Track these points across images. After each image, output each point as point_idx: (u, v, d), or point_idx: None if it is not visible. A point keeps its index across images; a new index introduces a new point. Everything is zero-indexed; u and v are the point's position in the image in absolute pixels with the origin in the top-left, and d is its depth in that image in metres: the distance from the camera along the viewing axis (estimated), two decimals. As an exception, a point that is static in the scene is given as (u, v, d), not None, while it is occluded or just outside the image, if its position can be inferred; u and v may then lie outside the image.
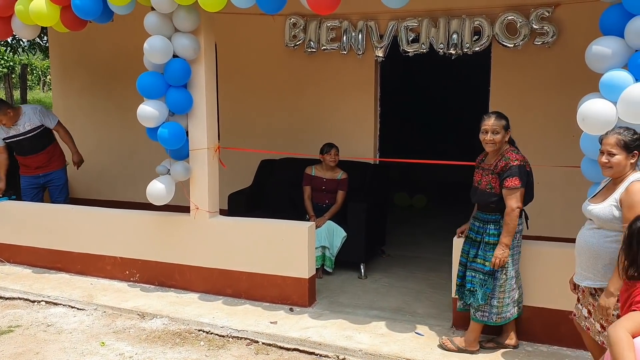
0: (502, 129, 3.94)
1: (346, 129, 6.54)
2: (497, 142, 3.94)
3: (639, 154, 3.14)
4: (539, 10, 5.51)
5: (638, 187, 3.06)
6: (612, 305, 3.08)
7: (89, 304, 5.05)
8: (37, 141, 6.33)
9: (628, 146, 3.13)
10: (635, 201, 3.02)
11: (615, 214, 3.11)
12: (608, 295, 3.09)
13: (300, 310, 4.86)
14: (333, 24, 6.29)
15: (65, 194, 6.59)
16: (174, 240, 5.32)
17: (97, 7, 4.87)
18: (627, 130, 3.19)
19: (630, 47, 3.48)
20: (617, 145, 3.15)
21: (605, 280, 3.17)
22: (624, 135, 3.16)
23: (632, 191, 3.06)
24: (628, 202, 3.05)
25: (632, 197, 3.04)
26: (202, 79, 4.95)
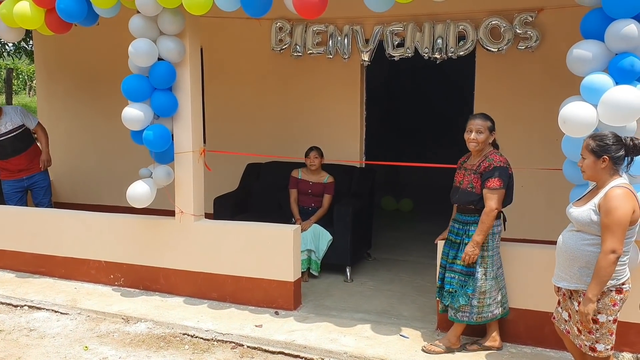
0: (486, 130, 3.98)
1: (332, 132, 6.55)
2: (480, 142, 3.98)
3: (609, 159, 3.13)
4: (523, 15, 5.57)
5: (616, 192, 3.07)
6: (591, 312, 3.10)
7: (73, 308, 5.01)
8: (18, 142, 6.30)
9: (595, 151, 3.15)
10: (611, 207, 3.04)
11: (593, 218, 3.12)
12: (587, 302, 3.10)
13: (286, 314, 4.85)
14: (319, 28, 6.31)
15: (49, 196, 6.56)
16: (159, 244, 5.30)
17: (81, 9, 4.85)
18: (601, 135, 3.19)
19: (610, 50, 3.53)
20: (587, 150, 3.19)
21: (580, 283, 3.20)
22: (594, 140, 3.17)
23: (609, 197, 3.07)
24: (605, 208, 3.07)
25: (609, 203, 3.05)
26: (188, 82, 4.95)
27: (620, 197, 3.05)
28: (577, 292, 3.23)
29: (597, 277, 3.07)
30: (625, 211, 3.03)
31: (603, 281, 3.07)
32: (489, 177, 3.90)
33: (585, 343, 3.23)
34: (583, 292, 3.18)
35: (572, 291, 3.28)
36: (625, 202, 3.04)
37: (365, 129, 6.65)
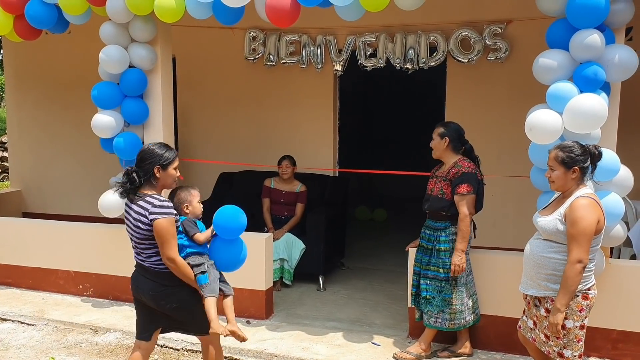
0: (437, 136, 4.11)
1: (306, 141, 6.57)
2: (434, 148, 4.13)
3: (579, 169, 3.16)
4: (492, 26, 5.68)
5: (581, 202, 3.10)
6: (560, 321, 3.12)
7: (40, 319, 4.91)
8: None
9: (565, 162, 3.17)
10: (577, 217, 3.07)
11: (559, 227, 3.15)
12: (555, 312, 3.12)
13: (258, 323, 4.82)
14: (292, 38, 6.34)
15: None
16: (129, 253, 5.15)
17: (51, 16, 4.81)
18: (568, 146, 3.20)
19: (575, 59, 3.61)
20: (556, 161, 3.20)
21: (547, 290, 3.22)
22: (563, 151, 3.18)
23: (575, 207, 3.10)
24: (571, 218, 3.09)
25: (575, 213, 3.08)
26: (159, 89, 4.92)
27: (585, 208, 3.08)
28: (545, 299, 3.25)
29: (564, 287, 3.10)
30: (590, 221, 3.06)
31: (571, 291, 3.10)
32: (459, 182, 3.95)
33: (553, 349, 3.25)
34: (550, 299, 3.21)
35: (539, 298, 3.30)
36: (590, 213, 3.08)
37: (338, 138, 6.68)
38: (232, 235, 3.29)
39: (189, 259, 3.24)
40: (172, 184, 3.28)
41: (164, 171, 3.18)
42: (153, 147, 3.21)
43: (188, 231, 3.29)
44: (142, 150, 3.23)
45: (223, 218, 3.25)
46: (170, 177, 3.22)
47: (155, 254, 3.17)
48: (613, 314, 4.01)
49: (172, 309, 3.24)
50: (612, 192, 3.67)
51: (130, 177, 3.14)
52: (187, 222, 3.31)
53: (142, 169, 3.16)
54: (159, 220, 3.06)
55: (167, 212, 3.09)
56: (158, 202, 3.10)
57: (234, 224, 3.25)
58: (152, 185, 3.19)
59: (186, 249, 3.27)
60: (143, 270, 3.26)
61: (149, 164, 3.15)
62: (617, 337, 4.04)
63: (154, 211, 3.07)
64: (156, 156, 3.16)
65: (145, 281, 3.24)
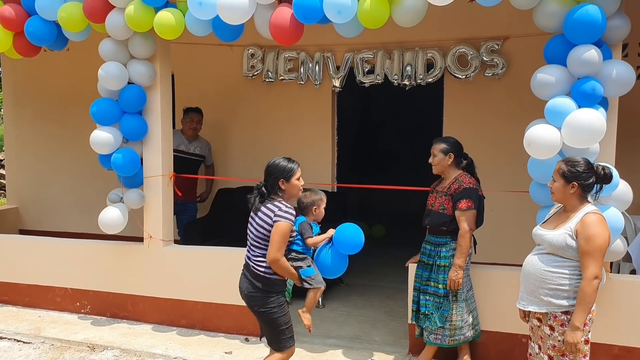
0: (440, 152, 4.09)
1: (304, 157, 6.48)
2: (436, 164, 4.11)
3: (578, 185, 3.18)
4: (489, 43, 5.72)
5: (593, 219, 3.11)
6: (579, 340, 3.08)
7: (37, 337, 4.86)
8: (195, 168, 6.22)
9: (565, 176, 3.19)
10: (592, 233, 3.07)
11: (569, 242, 3.14)
12: (574, 330, 3.08)
13: (256, 340, 4.78)
14: (291, 55, 6.38)
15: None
16: (126, 270, 5.20)
17: (50, 33, 4.84)
18: (573, 161, 3.23)
19: (573, 75, 3.63)
20: (557, 173, 3.24)
21: (550, 306, 3.19)
22: (567, 164, 3.22)
23: (587, 224, 3.10)
24: (585, 235, 3.08)
25: (589, 230, 3.08)
26: (158, 106, 4.93)
27: (598, 224, 3.10)
28: (547, 315, 3.22)
29: (582, 304, 3.07)
30: (605, 237, 3.09)
31: (589, 307, 3.08)
32: (460, 198, 3.95)
33: None
34: (553, 315, 3.18)
35: (539, 317, 3.28)
36: (603, 229, 3.10)
37: (337, 154, 6.68)
38: (348, 250, 3.60)
39: (291, 254, 3.52)
40: (297, 193, 3.56)
41: (288, 183, 3.47)
42: (277, 161, 3.52)
43: (303, 232, 3.58)
44: (268, 165, 3.55)
45: (345, 234, 3.59)
46: (294, 188, 3.51)
47: (262, 255, 3.44)
48: (614, 330, 3.99)
49: (258, 313, 3.52)
50: (611, 206, 3.67)
51: (260, 191, 3.49)
52: (304, 224, 3.60)
53: (269, 182, 3.49)
54: (280, 223, 3.35)
55: (289, 218, 3.39)
56: (284, 208, 3.39)
57: (353, 240, 3.59)
58: (279, 196, 3.48)
59: (293, 245, 3.55)
60: (246, 269, 3.54)
61: (274, 178, 3.47)
62: (619, 353, 4.02)
63: (279, 214, 3.37)
64: (279, 170, 3.48)
65: (244, 280, 3.54)
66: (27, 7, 4.83)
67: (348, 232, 3.58)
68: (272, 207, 3.40)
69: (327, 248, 3.62)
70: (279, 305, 3.49)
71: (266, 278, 3.44)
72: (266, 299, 3.46)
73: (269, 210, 3.40)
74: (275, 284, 3.47)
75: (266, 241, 3.41)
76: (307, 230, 3.58)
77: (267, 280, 3.44)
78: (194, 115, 6.22)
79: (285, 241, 3.39)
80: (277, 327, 3.51)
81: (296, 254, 3.55)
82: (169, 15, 4.37)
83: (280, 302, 3.50)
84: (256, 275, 3.45)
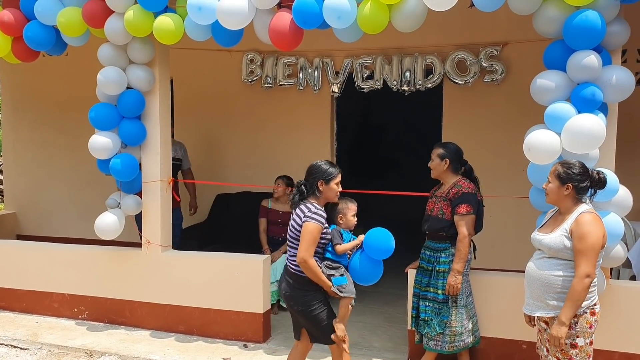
0: (436, 157, 4.10)
1: (303, 162, 6.44)
2: (433, 169, 4.12)
3: (572, 187, 3.21)
4: (488, 49, 5.73)
5: (587, 218, 3.14)
6: (564, 335, 3.11)
7: (34, 343, 4.83)
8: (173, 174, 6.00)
9: (560, 177, 3.22)
10: (585, 232, 3.10)
11: (566, 243, 3.17)
12: (560, 325, 3.12)
13: (255, 347, 4.76)
14: (290, 60, 6.38)
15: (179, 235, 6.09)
16: (124, 275, 5.18)
17: (49, 38, 4.84)
18: (569, 163, 3.26)
19: (572, 80, 3.63)
20: (553, 174, 3.27)
21: (557, 310, 3.20)
22: (562, 166, 3.25)
23: (581, 222, 3.14)
24: (578, 233, 3.12)
25: (582, 228, 3.11)
26: (157, 111, 4.92)
27: (591, 223, 3.13)
28: (554, 318, 3.22)
29: (571, 301, 3.10)
30: (597, 236, 3.11)
31: (577, 305, 3.11)
32: (459, 203, 3.94)
33: None
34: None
35: (546, 320, 3.29)
36: (597, 228, 3.13)
37: (336, 160, 6.68)
38: (379, 255, 3.61)
39: (324, 263, 3.56)
40: (334, 198, 3.63)
41: (327, 185, 3.55)
42: (320, 163, 3.61)
43: (332, 240, 3.60)
44: (310, 165, 3.63)
45: (375, 238, 3.58)
46: (332, 191, 3.58)
47: (295, 254, 3.50)
48: (615, 336, 3.97)
49: (297, 312, 3.61)
50: (611, 212, 3.66)
51: (299, 189, 3.58)
52: (335, 232, 3.63)
53: (309, 182, 3.57)
54: (308, 223, 3.43)
55: (318, 220, 3.44)
56: (314, 209, 3.47)
57: (383, 245, 3.58)
58: (316, 197, 3.56)
59: (327, 254, 3.59)
60: (285, 270, 3.65)
61: (314, 178, 3.55)
62: (619, 360, 4.01)
63: (308, 215, 3.45)
64: (321, 171, 3.56)
65: (284, 280, 3.66)
66: (26, 12, 4.82)
67: (377, 237, 3.59)
68: (304, 208, 3.49)
69: (358, 254, 3.64)
70: (317, 301, 3.55)
71: (299, 276, 3.52)
72: (303, 297, 3.54)
73: (300, 211, 3.50)
74: (309, 281, 3.51)
75: (298, 241, 3.49)
76: (336, 237, 3.61)
77: (301, 278, 3.51)
78: None
79: (313, 242, 3.43)
80: (320, 323, 3.57)
81: (330, 262, 3.58)
82: (168, 20, 4.37)
83: (317, 298, 3.55)
84: (291, 274, 3.57)
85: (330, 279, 3.54)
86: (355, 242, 3.65)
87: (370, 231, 3.62)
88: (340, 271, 3.59)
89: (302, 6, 3.93)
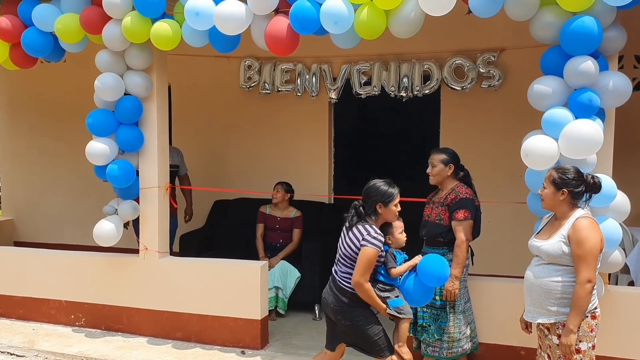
0: (439, 163, 4.07)
1: (301, 169, 6.56)
2: (435, 175, 4.09)
3: (568, 192, 3.21)
4: (485, 55, 5.74)
5: (584, 223, 3.15)
6: (573, 342, 3.11)
7: (30, 350, 4.81)
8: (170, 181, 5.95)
9: (556, 183, 3.23)
10: (583, 237, 3.11)
11: (564, 249, 3.17)
12: (568, 333, 3.12)
13: (252, 353, 4.74)
14: (287, 66, 6.39)
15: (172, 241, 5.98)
16: (122, 282, 5.16)
17: (47, 44, 4.84)
18: (564, 169, 3.28)
19: (569, 86, 3.63)
20: (548, 180, 3.28)
21: (559, 316, 3.20)
22: (557, 172, 3.26)
23: (578, 228, 3.14)
24: (576, 238, 3.12)
25: (580, 234, 3.12)
26: (154, 117, 4.91)
27: (589, 228, 3.14)
28: (555, 325, 3.23)
29: (575, 308, 3.10)
30: (596, 241, 3.12)
31: (582, 311, 3.11)
32: (457, 208, 3.94)
33: None
34: (562, 324, 3.19)
35: (547, 326, 3.28)
36: (594, 232, 3.14)
37: (334, 166, 6.68)
38: (432, 282, 3.56)
39: (378, 285, 3.56)
40: (393, 219, 3.61)
41: (386, 207, 3.53)
42: (378, 184, 3.57)
43: (386, 263, 3.58)
44: (368, 186, 3.59)
45: (429, 265, 3.52)
46: (391, 213, 3.56)
47: (347, 272, 3.52)
48: (613, 341, 3.95)
49: (346, 326, 3.59)
50: (609, 217, 3.66)
51: (357, 211, 3.56)
52: (388, 255, 3.59)
53: (367, 204, 3.54)
54: (366, 248, 3.41)
55: (377, 245, 3.43)
56: (373, 233, 3.45)
57: (438, 273, 3.51)
58: (373, 219, 3.54)
59: (379, 276, 3.58)
60: (332, 283, 3.64)
61: (372, 201, 3.52)
62: (618, 365, 3.99)
63: (367, 239, 3.43)
64: (380, 194, 3.53)
65: (330, 293, 3.62)
66: (24, 19, 4.82)
67: (432, 264, 3.53)
68: (362, 230, 3.47)
69: (412, 278, 3.60)
70: (365, 318, 3.55)
71: (352, 293, 3.51)
72: (352, 312, 3.54)
73: (358, 232, 3.48)
74: (359, 298, 3.51)
75: (352, 260, 3.48)
76: (390, 260, 3.59)
77: (353, 295, 3.51)
78: None
79: (370, 267, 3.44)
80: (368, 339, 3.57)
81: (382, 285, 3.58)
82: (165, 26, 4.37)
83: (366, 314, 3.55)
84: (342, 290, 3.54)
85: (385, 301, 3.54)
86: (410, 264, 3.61)
87: (426, 257, 3.58)
88: (395, 292, 3.60)
89: (299, 11, 3.93)
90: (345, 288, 3.53)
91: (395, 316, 3.59)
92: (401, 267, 3.60)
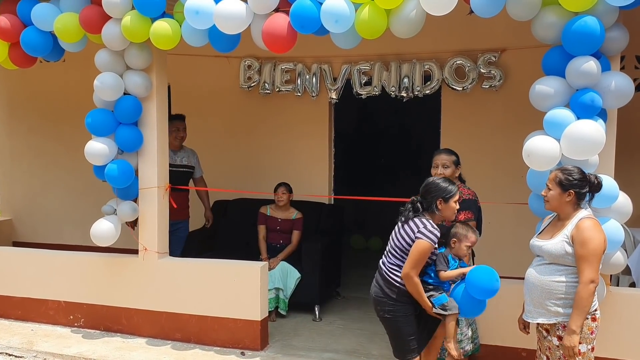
0: (452, 164, 4.04)
1: (301, 169, 6.54)
2: (449, 176, 4.02)
3: (574, 194, 3.20)
4: (486, 55, 5.72)
5: (587, 223, 3.14)
6: (576, 343, 3.10)
7: (29, 351, 4.79)
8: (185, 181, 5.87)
9: (562, 184, 3.22)
10: (586, 237, 3.10)
11: (567, 249, 3.16)
12: (571, 334, 3.10)
13: (252, 354, 4.72)
14: (287, 66, 6.37)
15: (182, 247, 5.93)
16: (121, 282, 5.14)
17: (47, 44, 4.81)
18: (568, 170, 3.26)
19: (571, 86, 3.62)
20: (554, 181, 3.25)
21: (559, 316, 3.19)
22: (562, 173, 3.24)
23: (582, 228, 3.13)
24: (580, 239, 3.12)
25: (583, 234, 3.11)
26: (154, 117, 4.89)
27: (592, 229, 3.13)
28: (554, 326, 3.22)
29: (578, 308, 3.09)
30: (599, 241, 3.12)
31: (585, 312, 3.10)
32: (460, 209, 3.91)
33: None
34: (562, 325, 3.18)
35: (547, 328, 3.27)
36: (598, 233, 3.13)
37: (334, 166, 6.66)
38: (480, 295, 3.48)
39: (424, 285, 3.51)
40: (452, 216, 3.60)
41: (446, 204, 3.51)
42: (437, 181, 3.55)
43: (437, 264, 3.55)
44: (428, 183, 3.57)
45: (479, 276, 3.45)
46: (450, 210, 3.53)
47: (396, 264, 3.51)
48: (615, 343, 3.94)
49: (383, 318, 3.60)
50: (611, 218, 3.65)
51: (414, 206, 3.53)
52: (441, 256, 3.58)
53: (426, 200, 3.52)
54: (421, 241, 3.41)
55: (432, 239, 3.42)
56: (429, 227, 3.44)
57: (487, 285, 3.43)
58: (432, 215, 3.52)
59: (427, 277, 3.56)
60: (379, 272, 3.63)
61: (433, 196, 3.50)
62: (619, 367, 3.98)
63: (423, 231, 3.42)
64: (440, 190, 3.50)
65: (375, 284, 3.61)
66: (23, 18, 4.80)
67: (482, 275, 3.44)
68: (419, 222, 3.45)
69: (462, 289, 3.54)
70: (404, 315, 3.52)
71: (398, 287, 3.49)
72: (393, 305, 3.52)
73: (414, 225, 3.46)
74: (405, 294, 3.49)
75: (403, 252, 3.47)
76: (441, 262, 3.56)
77: (398, 289, 3.49)
78: (179, 124, 5.75)
79: (422, 260, 3.42)
80: (401, 337, 3.56)
81: (426, 285, 3.54)
82: (165, 25, 4.35)
83: (407, 311, 3.52)
84: (389, 283, 3.52)
85: (430, 299, 3.50)
86: (460, 271, 3.56)
87: (476, 268, 3.52)
88: (440, 291, 3.56)
89: (300, 10, 3.91)
90: (391, 280, 3.51)
91: (441, 314, 3.53)
92: (451, 272, 3.56)
